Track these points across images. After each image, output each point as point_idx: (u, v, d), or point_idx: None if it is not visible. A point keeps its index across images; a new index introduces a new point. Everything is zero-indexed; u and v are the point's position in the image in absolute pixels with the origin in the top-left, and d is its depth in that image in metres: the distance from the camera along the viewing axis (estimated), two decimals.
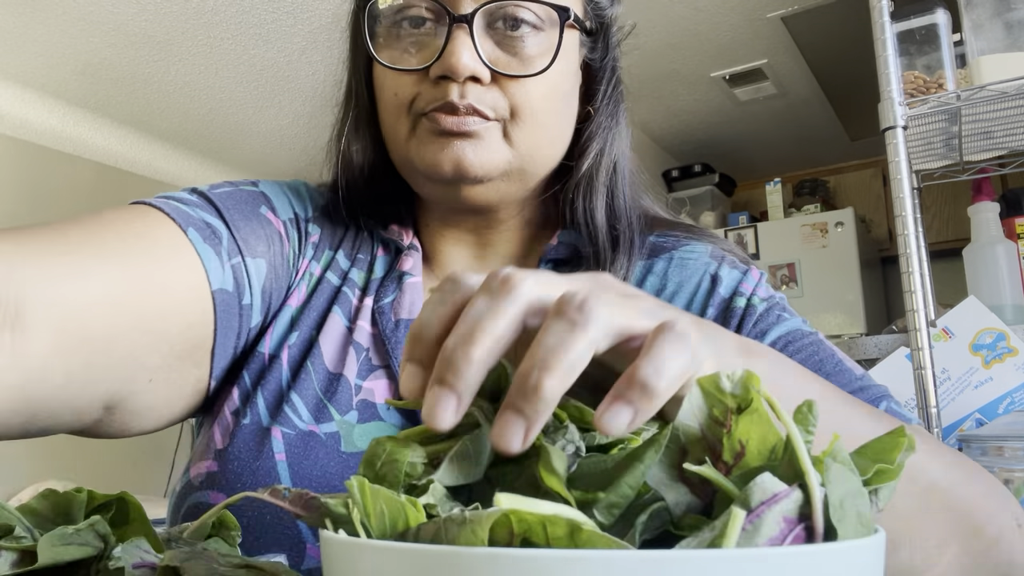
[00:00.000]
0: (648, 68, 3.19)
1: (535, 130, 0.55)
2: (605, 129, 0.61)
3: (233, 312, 0.53)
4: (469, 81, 0.52)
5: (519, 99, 0.54)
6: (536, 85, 0.54)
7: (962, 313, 1.29)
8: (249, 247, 0.54)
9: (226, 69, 2.95)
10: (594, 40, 0.60)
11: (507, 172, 0.56)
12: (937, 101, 1.16)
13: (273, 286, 0.56)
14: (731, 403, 0.25)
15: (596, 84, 0.61)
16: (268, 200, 0.60)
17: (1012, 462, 0.86)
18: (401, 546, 0.22)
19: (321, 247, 0.61)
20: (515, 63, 0.53)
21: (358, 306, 0.59)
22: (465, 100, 0.52)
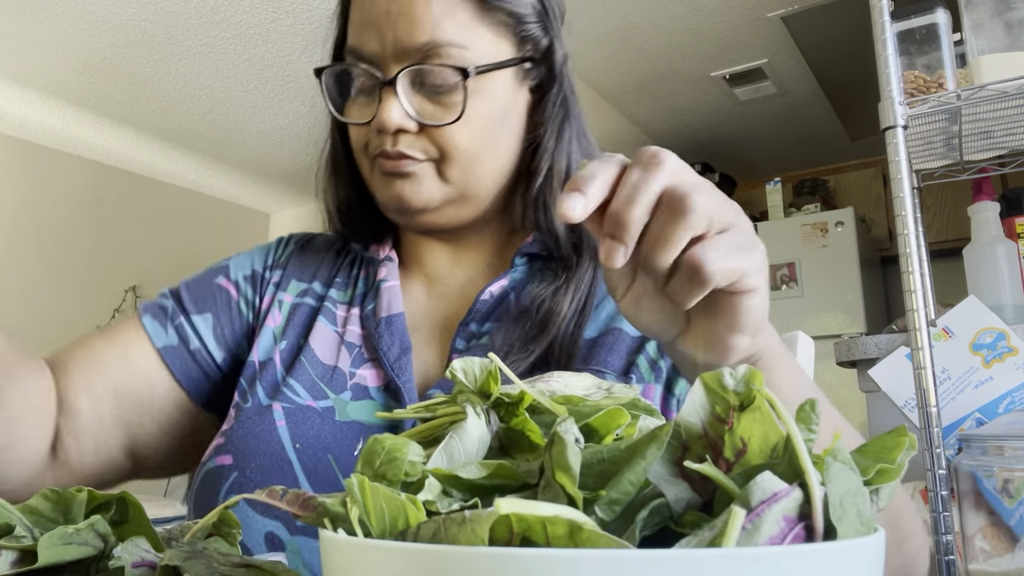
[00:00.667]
0: (648, 68, 3.19)
1: (465, 166, 0.64)
2: (553, 149, 0.68)
3: (184, 357, 0.68)
4: (400, 132, 0.62)
5: (443, 143, 0.63)
6: (458, 130, 0.63)
7: (962, 313, 1.29)
8: (196, 307, 0.70)
9: (226, 69, 2.95)
10: (536, 67, 0.68)
11: (448, 201, 0.65)
12: (937, 101, 1.16)
13: (224, 329, 0.70)
14: (733, 400, 0.25)
15: (543, 107, 0.69)
16: (226, 269, 0.74)
17: (1012, 462, 0.86)
18: (401, 546, 0.22)
19: (286, 281, 0.73)
20: (439, 112, 0.62)
21: (345, 316, 0.69)
22: (396, 148, 0.62)
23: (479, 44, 0.63)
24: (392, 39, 0.61)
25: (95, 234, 3.67)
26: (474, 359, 0.34)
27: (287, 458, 0.58)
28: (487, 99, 0.64)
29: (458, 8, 0.62)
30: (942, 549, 1.04)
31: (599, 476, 0.25)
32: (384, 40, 0.62)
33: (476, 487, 0.27)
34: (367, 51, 0.63)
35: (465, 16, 0.62)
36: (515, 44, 0.66)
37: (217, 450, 0.61)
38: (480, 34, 0.63)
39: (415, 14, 0.61)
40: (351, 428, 0.60)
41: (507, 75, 0.65)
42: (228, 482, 0.59)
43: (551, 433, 0.26)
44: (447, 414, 0.34)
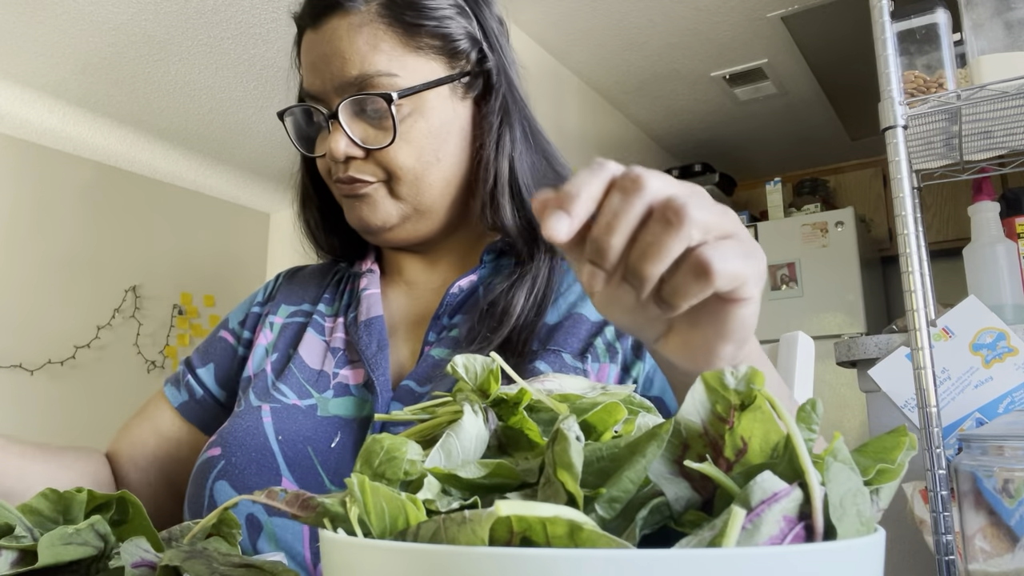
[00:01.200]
0: (648, 68, 3.19)
1: (412, 183, 0.69)
2: (493, 157, 0.72)
3: (195, 407, 0.78)
4: (349, 160, 0.68)
5: (388, 163, 0.68)
6: (398, 151, 0.68)
7: (962, 313, 1.29)
8: (202, 361, 0.80)
9: (226, 69, 2.95)
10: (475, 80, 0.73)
11: (404, 218, 0.71)
12: (937, 101, 1.16)
13: (224, 370, 0.79)
14: (734, 399, 0.25)
15: (483, 116, 0.73)
16: (226, 322, 0.84)
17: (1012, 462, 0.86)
18: (401, 546, 0.21)
19: (275, 307, 0.80)
20: (380, 136, 0.68)
21: (332, 326, 0.75)
22: (347, 174, 0.69)
23: (408, 69, 0.68)
24: (330, 77, 0.68)
25: (95, 234, 3.67)
26: (477, 356, 0.34)
27: (270, 448, 0.63)
28: (422, 117, 0.69)
29: (383, 41, 0.67)
30: (942, 549, 1.04)
31: (599, 474, 0.25)
32: (324, 79, 0.68)
33: (475, 486, 0.27)
34: (313, 91, 0.70)
35: (389, 46, 0.68)
36: (446, 62, 0.71)
37: (209, 445, 0.67)
38: (407, 60, 0.68)
39: (345, 53, 0.67)
40: (330, 422, 0.65)
41: (441, 93, 0.70)
42: (216, 470, 0.64)
43: (553, 430, 0.26)
44: (446, 413, 0.34)
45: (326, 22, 0.68)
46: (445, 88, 0.70)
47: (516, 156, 0.72)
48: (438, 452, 0.29)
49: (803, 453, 0.23)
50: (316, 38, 0.69)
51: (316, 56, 0.69)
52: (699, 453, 0.26)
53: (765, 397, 0.25)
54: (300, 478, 0.62)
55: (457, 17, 0.71)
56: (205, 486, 0.63)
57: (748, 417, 0.25)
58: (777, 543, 0.21)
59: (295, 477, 0.62)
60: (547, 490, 0.25)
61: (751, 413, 0.25)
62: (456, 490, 0.27)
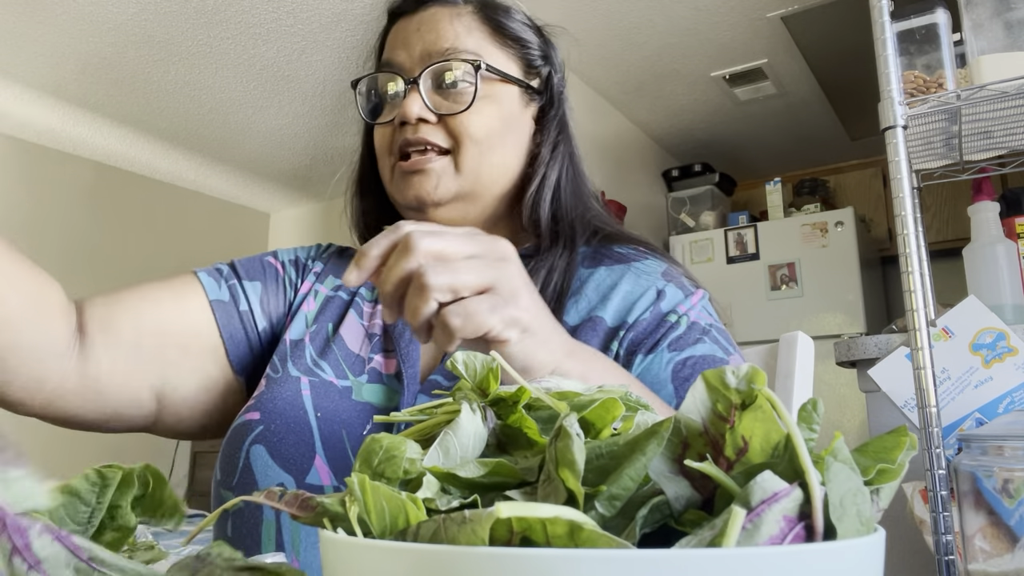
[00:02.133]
0: (648, 68, 3.19)
1: (476, 157, 0.73)
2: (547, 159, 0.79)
3: (232, 315, 0.74)
4: (420, 123, 0.72)
5: (458, 131, 0.72)
6: (470, 120, 0.72)
7: (962, 313, 1.29)
8: (247, 274, 0.77)
9: (226, 69, 2.95)
10: (539, 96, 0.80)
11: (460, 196, 0.74)
12: (937, 101, 1.16)
13: (270, 298, 0.77)
14: (735, 399, 0.25)
15: (543, 125, 0.80)
16: (274, 253, 0.83)
17: (1012, 462, 0.86)
18: (401, 546, 0.21)
19: (325, 275, 0.81)
20: (455, 107, 0.73)
21: (371, 311, 0.77)
22: (416, 135, 0.72)
23: (492, 59, 0.75)
24: (420, 47, 0.74)
25: (95, 234, 3.67)
26: (477, 354, 0.34)
27: (308, 422, 0.64)
28: (495, 102, 0.74)
29: (475, 29, 0.75)
30: (942, 549, 1.04)
31: (599, 471, 0.25)
32: (412, 51, 0.74)
33: (475, 484, 0.27)
34: (397, 62, 0.75)
35: (480, 36, 0.75)
36: (521, 69, 0.78)
37: (247, 409, 0.68)
38: (493, 51, 0.76)
39: (440, 28, 0.74)
40: (364, 408, 0.67)
41: (513, 92, 0.77)
42: (253, 434, 0.65)
43: (556, 426, 0.26)
44: (446, 413, 0.34)
45: (426, 9, 0.76)
46: (516, 90, 0.77)
47: (565, 167, 0.80)
48: (436, 450, 0.29)
49: (803, 453, 0.23)
50: (412, 20, 0.76)
51: (409, 32, 0.75)
52: (699, 452, 0.26)
53: (766, 397, 0.25)
54: (332, 458, 0.63)
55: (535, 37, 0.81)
56: (241, 448, 0.64)
57: (749, 416, 0.25)
58: (777, 543, 0.21)
59: (328, 456, 0.63)
60: (547, 488, 0.25)
61: (752, 412, 0.25)
62: (456, 489, 0.27)
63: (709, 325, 0.72)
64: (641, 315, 0.71)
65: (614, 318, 0.71)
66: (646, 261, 0.77)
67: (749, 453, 0.25)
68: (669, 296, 0.73)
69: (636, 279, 0.74)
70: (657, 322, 0.71)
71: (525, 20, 0.81)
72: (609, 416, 0.30)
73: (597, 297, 0.73)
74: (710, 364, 0.68)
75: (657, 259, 0.78)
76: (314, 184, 4.26)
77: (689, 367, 0.68)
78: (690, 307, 0.73)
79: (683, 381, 0.68)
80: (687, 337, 0.70)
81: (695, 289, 0.76)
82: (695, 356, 0.69)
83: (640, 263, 0.76)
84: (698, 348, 0.70)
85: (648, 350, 0.69)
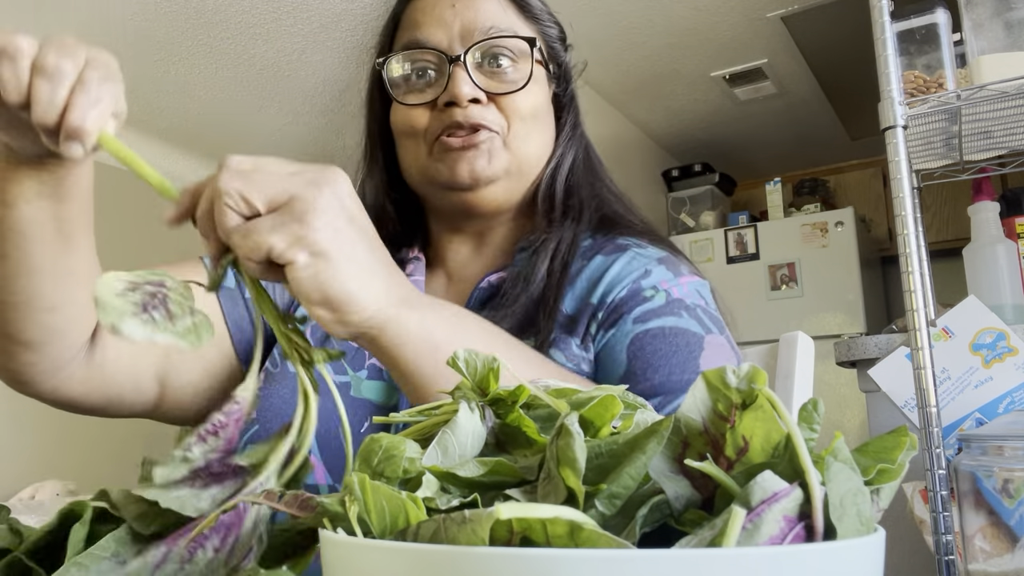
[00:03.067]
0: (648, 68, 3.19)
1: (525, 135, 0.72)
2: (564, 144, 0.78)
3: (238, 302, 0.72)
4: (470, 104, 0.69)
5: (510, 111, 0.71)
6: (522, 99, 0.71)
7: (962, 313, 1.29)
8: None
9: (226, 69, 2.95)
10: (557, 79, 0.79)
11: (508, 173, 0.72)
12: (937, 101, 1.16)
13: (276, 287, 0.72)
14: (736, 398, 0.25)
15: (560, 111, 0.79)
16: None
17: (1012, 462, 0.86)
18: (402, 546, 0.21)
19: None
20: (503, 87, 0.71)
21: None
22: (470, 119, 0.68)
23: None
24: (460, 25, 0.70)
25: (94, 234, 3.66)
26: (478, 352, 0.34)
27: None
28: (537, 81, 0.74)
29: (508, 9, 0.74)
30: (942, 549, 1.04)
31: (598, 470, 0.25)
32: (450, 28, 0.71)
33: (475, 483, 0.27)
34: (432, 41, 0.71)
35: (514, 15, 0.74)
36: (544, 50, 0.77)
37: None
38: (524, 31, 0.74)
39: (478, 5, 0.71)
40: (363, 405, 0.66)
41: (541, 72, 0.75)
42: (249, 433, 0.64)
43: (557, 424, 0.26)
44: (445, 413, 0.34)
45: None
46: (542, 70, 0.76)
47: (579, 150, 0.79)
48: (434, 449, 0.29)
49: (803, 453, 0.23)
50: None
51: (443, 9, 0.72)
52: (699, 451, 0.26)
53: (766, 397, 0.25)
54: (328, 458, 0.63)
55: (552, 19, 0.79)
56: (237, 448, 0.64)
57: (750, 416, 0.25)
58: (777, 543, 0.21)
59: (323, 455, 0.63)
60: (547, 486, 0.25)
61: (753, 412, 0.25)
62: (455, 488, 0.27)
63: (695, 304, 0.68)
64: (619, 292, 0.68)
65: (598, 301, 0.68)
66: (645, 249, 0.74)
67: (750, 453, 0.25)
68: (655, 275, 0.69)
69: (628, 262, 0.71)
70: (630, 295, 0.67)
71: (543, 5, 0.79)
72: (608, 414, 0.30)
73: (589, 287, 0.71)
74: (677, 335, 0.64)
75: (658, 248, 0.75)
76: None
77: (651, 336, 0.64)
78: (676, 284, 0.69)
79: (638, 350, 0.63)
80: (661, 310, 0.66)
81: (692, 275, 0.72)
82: (663, 327, 0.64)
83: (637, 249, 0.73)
84: (668, 320, 0.65)
85: (612, 324, 0.66)
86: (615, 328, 0.65)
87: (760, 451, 0.25)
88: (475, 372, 0.33)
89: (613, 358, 0.64)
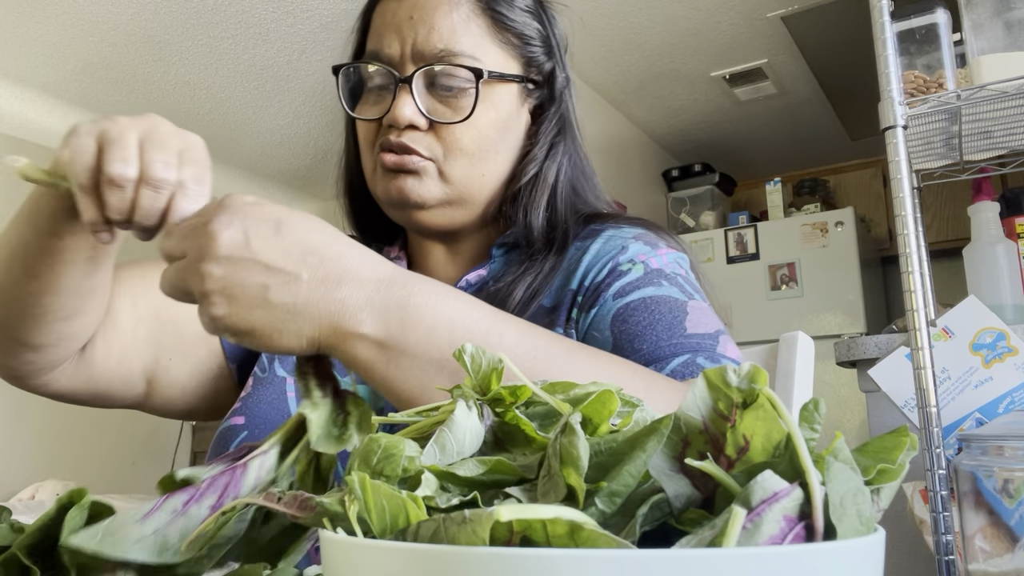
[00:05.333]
0: (648, 68, 3.19)
1: (466, 168, 0.69)
2: (542, 158, 0.73)
3: None
4: (409, 128, 0.67)
5: (450, 142, 0.67)
6: (464, 130, 0.67)
7: (962, 313, 1.29)
8: None
9: (226, 69, 2.95)
10: (538, 89, 0.74)
11: (445, 202, 0.69)
12: (937, 101, 1.16)
13: None
14: (737, 397, 0.25)
15: (540, 122, 0.74)
16: None
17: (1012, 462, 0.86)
18: (402, 546, 0.21)
19: None
20: (448, 113, 0.67)
21: None
22: (399, 140, 0.66)
23: (489, 58, 0.69)
24: (412, 42, 0.67)
25: None
26: (484, 350, 0.33)
27: None
28: (493, 107, 0.69)
29: (473, 23, 0.68)
30: (942, 549, 1.04)
31: (598, 468, 0.25)
32: (404, 43, 0.67)
33: (475, 482, 0.27)
34: (386, 53, 0.68)
35: (479, 31, 0.69)
36: (521, 65, 0.72)
37: (233, 412, 0.67)
38: (491, 50, 0.69)
39: (435, 22, 0.67)
40: None
41: (512, 90, 0.71)
42: (238, 439, 0.64)
43: (562, 423, 0.26)
44: (444, 413, 0.34)
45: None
46: (515, 88, 0.72)
47: (563, 166, 0.74)
48: (432, 448, 0.29)
49: (804, 452, 0.23)
50: (403, 3, 0.69)
51: (401, 19, 0.68)
52: (700, 450, 0.26)
53: (766, 396, 0.25)
54: None
55: (536, 24, 0.73)
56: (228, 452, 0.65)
57: (751, 415, 0.25)
58: (777, 543, 0.21)
59: None
60: (547, 483, 0.25)
61: (754, 411, 0.25)
62: (455, 486, 0.27)
63: (675, 273, 0.67)
64: (598, 273, 0.67)
65: (577, 285, 0.67)
66: (621, 228, 0.72)
67: (750, 452, 0.25)
68: (632, 250, 0.68)
69: (605, 243, 0.70)
70: (608, 273, 0.66)
71: (528, 6, 0.74)
72: (605, 410, 0.30)
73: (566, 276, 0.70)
74: (659, 303, 0.63)
75: (634, 226, 0.73)
76: (314, 184, 4.26)
77: (632, 309, 0.63)
78: (654, 256, 0.68)
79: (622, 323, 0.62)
80: (640, 281, 0.65)
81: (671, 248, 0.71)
82: (643, 298, 0.63)
83: (613, 230, 0.72)
84: (648, 290, 0.64)
85: (591, 304, 0.65)
86: (596, 307, 0.64)
87: (761, 450, 0.25)
88: (478, 369, 0.33)
89: (598, 337, 0.63)
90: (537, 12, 0.75)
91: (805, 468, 0.22)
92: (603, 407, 0.30)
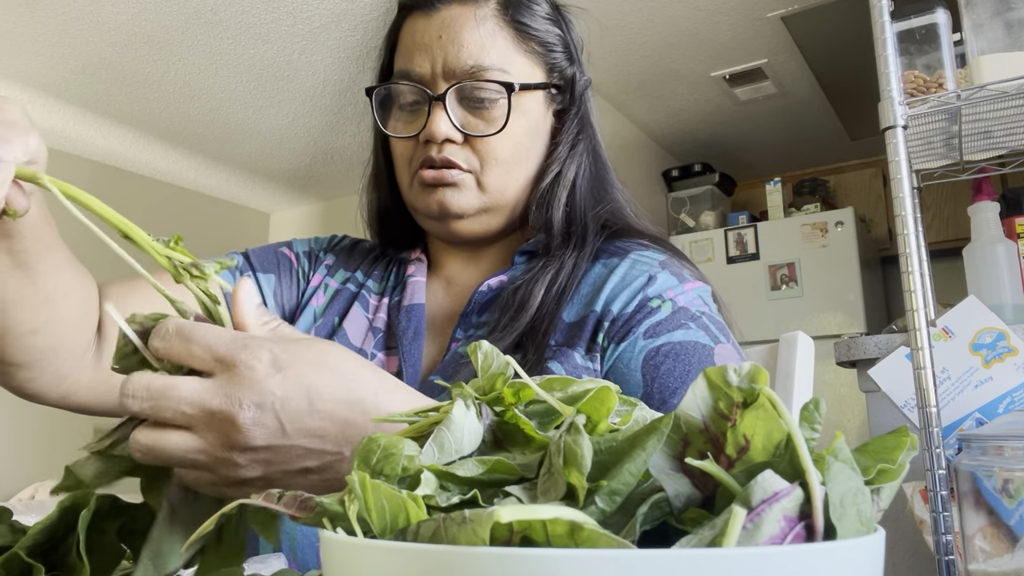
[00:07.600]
0: (648, 68, 3.19)
1: (502, 176, 0.72)
2: (564, 156, 0.77)
3: None
4: (446, 142, 0.70)
5: (485, 152, 0.71)
6: (499, 141, 0.71)
7: (962, 313, 1.29)
8: (261, 266, 0.78)
9: (226, 69, 2.95)
10: (561, 93, 0.78)
11: (482, 210, 0.73)
12: (937, 101, 1.16)
13: (283, 291, 0.78)
14: (737, 397, 0.25)
15: (561, 125, 0.78)
16: (289, 244, 0.84)
17: (1012, 462, 0.86)
18: (402, 546, 0.21)
19: (336, 268, 0.82)
20: (482, 126, 0.71)
21: (376, 304, 0.78)
22: (441, 155, 0.70)
23: (516, 68, 0.72)
24: (443, 60, 0.70)
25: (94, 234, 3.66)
26: (499, 353, 0.33)
27: None
28: (523, 115, 0.73)
29: (499, 36, 0.72)
30: (942, 549, 1.04)
31: (598, 467, 0.25)
32: (435, 62, 0.71)
33: (475, 482, 0.27)
34: (417, 72, 0.71)
35: (504, 43, 0.72)
36: (545, 71, 0.76)
37: None
38: (517, 60, 0.73)
39: (463, 39, 0.70)
40: None
41: (539, 97, 0.75)
42: None
43: (568, 423, 0.26)
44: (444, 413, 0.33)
45: (445, 8, 0.72)
46: (541, 94, 0.75)
47: (583, 166, 0.77)
48: (431, 447, 0.29)
49: (804, 452, 0.23)
50: (430, 22, 0.72)
51: (430, 39, 0.71)
52: (700, 449, 0.26)
53: (767, 396, 0.25)
54: None
55: (556, 30, 0.77)
56: None
57: (751, 415, 0.25)
58: (777, 543, 0.21)
59: None
60: (547, 481, 0.25)
61: (754, 411, 0.25)
62: (454, 485, 0.27)
63: (700, 312, 0.69)
64: (627, 304, 0.68)
65: (602, 309, 0.68)
66: (645, 252, 0.74)
67: (750, 452, 0.25)
68: (659, 282, 0.70)
69: (630, 268, 0.71)
70: (637, 307, 0.68)
71: (548, 14, 0.77)
72: (604, 408, 0.30)
73: (591, 293, 0.71)
74: (689, 351, 0.64)
75: (658, 250, 0.75)
76: (314, 184, 4.25)
77: (663, 355, 0.64)
78: (681, 292, 0.69)
79: (653, 369, 0.64)
80: (668, 322, 0.66)
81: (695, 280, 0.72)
82: (672, 343, 0.65)
83: (638, 253, 0.74)
84: (677, 334, 0.66)
85: (621, 338, 0.66)
86: (625, 343, 0.66)
87: (761, 450, 0.25)
88: (487, 368, 0.33)
89: (628, 377, 0.64)
90: (556, 18, 0.78)
91: (805, 468, 0.22)
92: (601, 405, 0.30)
